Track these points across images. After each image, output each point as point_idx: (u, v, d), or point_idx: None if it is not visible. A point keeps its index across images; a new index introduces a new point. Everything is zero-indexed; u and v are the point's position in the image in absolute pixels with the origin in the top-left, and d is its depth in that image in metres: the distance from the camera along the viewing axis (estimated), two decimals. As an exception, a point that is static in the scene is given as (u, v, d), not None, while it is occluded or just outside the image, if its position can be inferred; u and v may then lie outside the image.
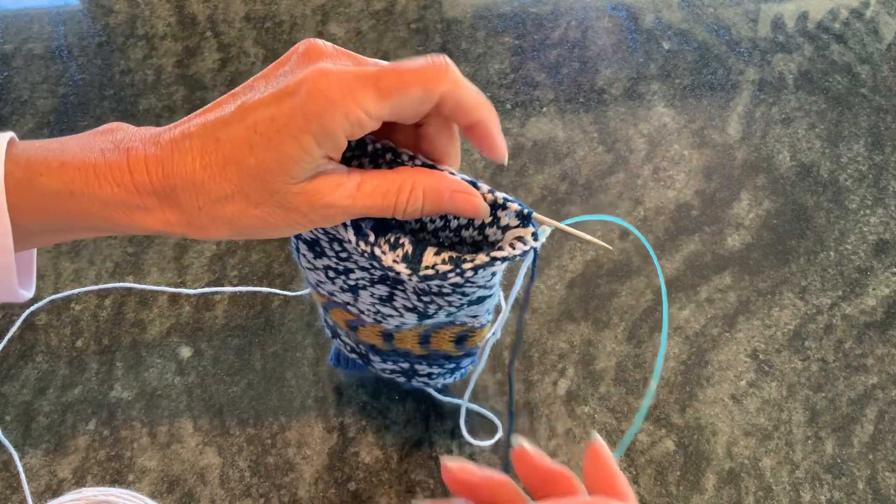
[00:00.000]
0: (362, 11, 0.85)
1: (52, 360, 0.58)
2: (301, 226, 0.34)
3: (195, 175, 0.33)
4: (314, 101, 0.30)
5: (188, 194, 0.33)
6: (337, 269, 0.41)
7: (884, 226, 0.67)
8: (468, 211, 0.35)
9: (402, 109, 0.32)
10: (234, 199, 0.33)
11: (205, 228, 0.34)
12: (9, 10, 0.88)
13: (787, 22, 0.85)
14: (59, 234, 0.36)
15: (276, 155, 0.31)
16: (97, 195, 0.33)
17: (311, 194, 0.32)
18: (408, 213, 0.34)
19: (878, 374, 0.58)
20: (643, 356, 0.59)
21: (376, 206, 0.34)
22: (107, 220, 0.34)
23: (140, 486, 0.52)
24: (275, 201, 0.33)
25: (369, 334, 0.46)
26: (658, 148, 0.72)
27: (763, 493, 0.52)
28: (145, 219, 0.34)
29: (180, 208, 0.34)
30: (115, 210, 0.34)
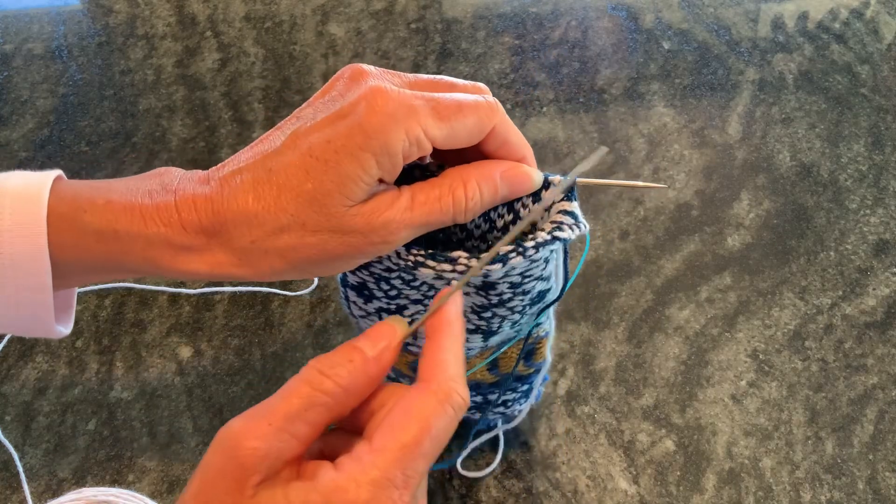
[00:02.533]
0: (362, 11, 0.85)
1: (52, 360, 0.58)
2: (360, 251, 0.32)
3: (248, 207, 0.31)
4: (374, 117, 0.30)
5: (240, 229, 0.32)
6: (389, 308, 0.40)
7: (884, 226, 0.67)
8: (522, 184, 0.34)
9: (456, 135, 0.32)
10: (289, 229, 0.31)
11: (258, 265, 0.32)
12: (9, 10, 0.88)
13: (787, 22, 0.85)
14: (100, 274, 0.34)
15: (333, 176, 0.30)
16: (142, 234, 0.32)
17: (369, 214, 0.31)
18: (469, 209, 0.33)
19: (878, 374, 0.58)
20: (643, 356, 0.59)
21: (435, 213, 0.33)
22: (150, 262, 0.33)
23: (140, 486, 0.52)
24: (333, 226, 0.31)
25: None
26: (658, 148, 0.72)
27: (763, 493, 0.52)
28: (192, 261, 0.32)
29: (231, 246, 0.32)
30: (159, 250, 0.32)
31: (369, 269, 0.38)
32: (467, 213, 0.33)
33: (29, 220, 0.31)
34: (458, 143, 0.32)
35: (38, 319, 0.34)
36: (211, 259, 0.32)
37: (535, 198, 0.35)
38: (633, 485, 0.52)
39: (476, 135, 0.33)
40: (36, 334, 0.35)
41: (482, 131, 0.33)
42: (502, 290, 0.37)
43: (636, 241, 0.66)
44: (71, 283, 0.35)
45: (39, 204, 0.31)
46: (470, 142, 0.33)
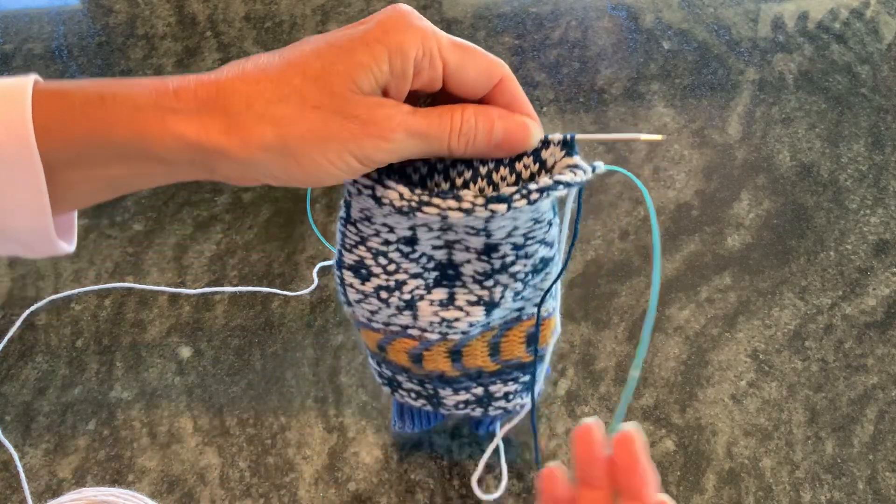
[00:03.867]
0: (362, 11, 0.85)
1: (52, 360, 0.58)
2: (355, 140, 0.31)
3: (248, 75, 0.31)
4: (395, 20, 0.31)
5: (238, 96, 0.31)
6: (388, 286, 0.39)
7: (884, 226, 0.67)
8: (519, 131, 0.34)
9: (466, 68, 0.33)
10: (289, 99, 0.31)
11: (248, 132, 0.31)
12: (9, 10, 0.88)
13: (787, 22, 0.85)
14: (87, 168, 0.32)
15: (345, 59, 0.31)
16: (129, 98, 0.31)
17: (372, 105, 0.31)
18: (463, 133, 0.33)
19: (878, 374, 0.58)
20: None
21: (433, 128, 0.32)
22: (136, 131, 0.31)
23: (140, 486, 0.52)
24: (334, 106, 0.31)
25: (436, 359, 0.43)
26: (658, 148, 0.72)
27: (763, 493, 0.52)
28: (179, 123, 0.30)
29: (223, 111, 0.31)
30: (146, 114, 0.31)
31: (366, 244, 0.38)
32: (461, 139, 0.33)
33: (15, 121, 0.30)
34: (467, 80, 0.33)
35: (37, 230, 0.32)
36: (198, 122, 0.31)
37: (536, 157, 0.35)
38: (633, 485, 0.52)
39: (485, 78, 0.33)
40: (39, 250, 0.34)
41: (490, 77, 0.33)
42: (505, 251, 0.37)
43: (636, 241, 0.66)
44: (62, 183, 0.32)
45: (23, 103, 0.30)
46: (477, 85, 0.33)
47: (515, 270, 0.39)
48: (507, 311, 0.42)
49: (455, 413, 0.48)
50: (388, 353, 0.44)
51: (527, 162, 0.35)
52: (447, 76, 0.33)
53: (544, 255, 0.39)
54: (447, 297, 0.40)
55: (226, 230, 0.66)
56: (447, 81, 0.33)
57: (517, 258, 0.38)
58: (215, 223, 0.66)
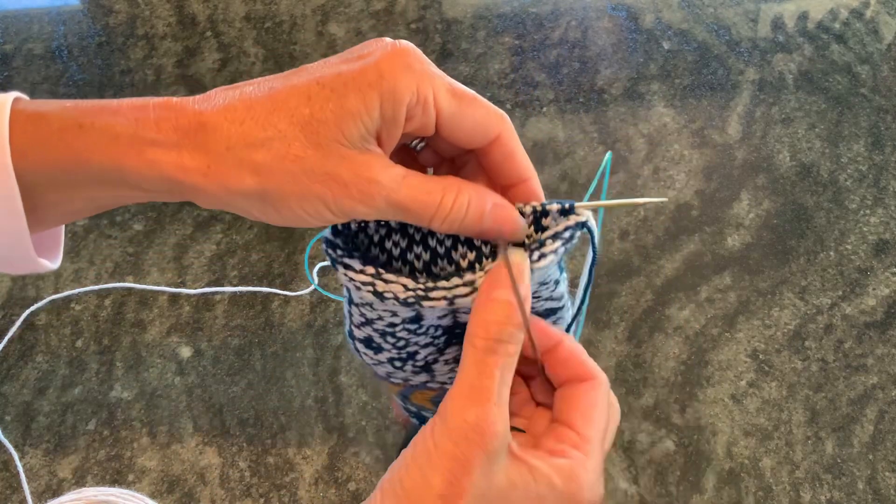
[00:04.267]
0: (362, 11, 0.85)
1: (52, 360, 0.58)
2: (334, 199, 0.30)
3: (234, 114, 0.29)
4: (392, 62, 0.29)
5: (220, 133, 0.29)
6: (401, 357, 0.38)
7: (884, 226, 0.67)
8: (507, 226, 0.33)
9: (462, 118, 0.31)
10: (271, 144, 0.29)
11: (227, 176, 0.30)
12: (9, 10, 0.88)
13: (787, 22, 0.85)
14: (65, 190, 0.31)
15: (335, 107, 0.29)
16: (108, 127, 0.30)
17: (359, 164, 0.30)
18: (449, 218, 0.31)
19: (878, 374, 0.58)
20: (643, 356, 0.59)
21: (419, 202, 0.31)
22: (115, 161, 0.30)
23: (140, 486, 0.52)
24: (317, 159, 0.29)
25: None
26: (658, 148, 0.72)
27: (763, 493, 0.52)
28: (158, 157, 0.29)
29: (204, 149, 0.30)
30: (124, 145, 0.30)
31: (372, 325, 0.37)
32: (444, 223, 0.32)
33: None
34: (463, 129, 0.32)
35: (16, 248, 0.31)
36: (178, 159, 0.30)
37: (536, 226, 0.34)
38: (633, 485, 0.52)
39: (482, 131, 0.32)
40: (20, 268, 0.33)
41: (488, 130, 0.32)
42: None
43: (636, 241, 0.66)
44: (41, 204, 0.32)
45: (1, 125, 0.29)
46: (473, 135, 0.32)
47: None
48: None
49: None
50: (412, 399, 0.44)
51: (528, 232, 0.34)
52: (440, 124, 0.32)
53: (552, 307, 0.39)
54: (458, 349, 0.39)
55: (226, 230, 0.66)
56: (440, 129, 0.32)
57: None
58: (215, 223, 0.66)
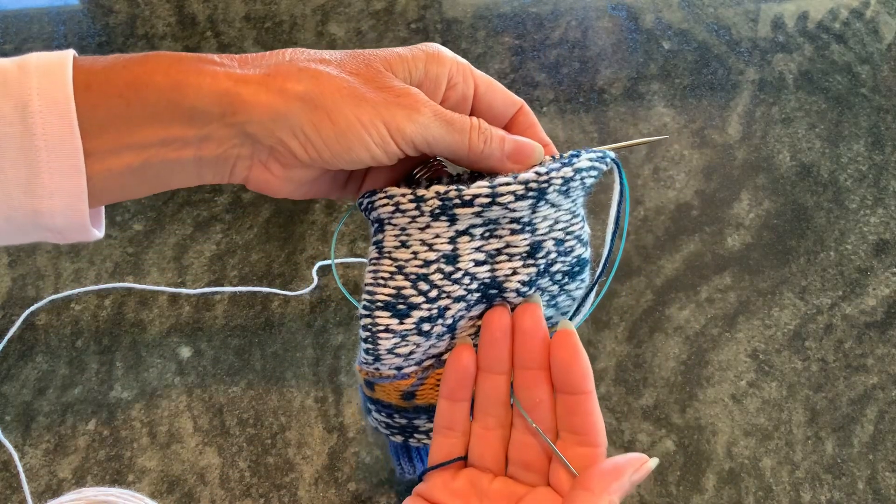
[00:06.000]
0: (362, 11, 0.85)
1: (52, 360, 0.58)
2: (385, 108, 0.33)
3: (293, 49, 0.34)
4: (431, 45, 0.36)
5: (280, 54, 0.33)
6: (431, 315, 0.37)
7: (884, 226, 0.67)
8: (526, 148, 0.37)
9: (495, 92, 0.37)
10: (329, 63, 0.33)
11: (286, 79, 0.32)
12: (9, 10, 0.88)
13: (787, 22, 0.85)
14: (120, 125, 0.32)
15: (386, 53, 0.34)
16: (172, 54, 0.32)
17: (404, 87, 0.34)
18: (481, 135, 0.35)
19: (878, 374, 0.58)
20: (643, 356, 0.59)
21: (456, 123, 0.34)
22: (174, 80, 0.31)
23: (140, 486, 0.52)
24: (370, 75, 0.33)
25: None
26: (658, 148, 0.72)
27: (763, 493, 0.52)
28: (217, 72, 0.31)
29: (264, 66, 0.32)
30: (186, 64, 0.31)
31: (403, 272, 0.36)
32: (480, 135, 0.35)
33: (58, 98, 0.30)
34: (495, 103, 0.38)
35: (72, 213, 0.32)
36: (237, 73, 0.32)
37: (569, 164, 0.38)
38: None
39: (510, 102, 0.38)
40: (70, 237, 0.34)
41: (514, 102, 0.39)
42: (549, 248, 0.38)
43: (636, 241, 0.66)
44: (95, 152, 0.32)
45: (65, 80, 0.30)
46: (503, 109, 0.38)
47: (555, 270, 0.39)
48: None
49: None
50: (417, 399, 0.41)
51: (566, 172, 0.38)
52: (478, 97, 0.37)
53: (580, 254, 0.40)
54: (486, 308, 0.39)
55: (226, 230, 0.66)
56: (477, 103, 0.37)
57: (558, 255, 0.38)
58: (215, 223, 0.66)
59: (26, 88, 0.30)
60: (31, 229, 0.33)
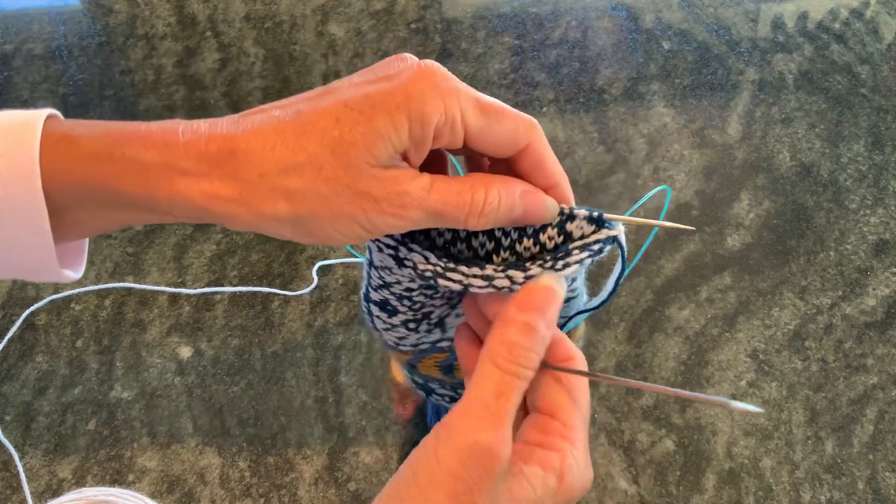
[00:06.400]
0: (362, 11, 0.85)
1: (52, 360, 0.58)
2: (368, 217, 0.31)
3: (264, 138, 0.30)
4: (419, 83, 0.30)
5: (251, 160, 0.30)
6: (416, 318, 0.39)
7: (884, 226, 0.67)
8: (538, 210, 0.33)
9: (490, 133, 0.32)
10: (303, 170, 0.30)
11: (259, 203, 0.30)
12: (9, 10, 0.88)
13: (787, 22, 0.85)
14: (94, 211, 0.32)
15: (364, 129, 0.30)
16: (138, 158, 0.30)
17: (388, 181, 0.30)
18: (483, 214, 0.32)
19: (878, 374, 0.58)
20: (643, 356, 0.59)
21: (451, 205, 0.31)
22: (145, 188, 0.30)
23: (140, 486, 0.52)
24: (349, 181, 0.30)
25: None
26: (658, 148, 0.72)
27: (763, 493, 0.52)
28: (189, 187, 0.30)
29: (235, 178, 0.30)
30: (155, 175, 0.30)
31: (389, 289, 0.37)
32: (480, 218, 0.32)
33: (22, 162, 0.30)
34: (491, 143, 0.32)
35: (41, 262, 0.32)
36: (209, 188, 0.30)
37: (560, 230, 0.34)
38: (633, 485, 0.52)
39: (510, 143, 0.32)
40: (44, 278, 0.33)
41: (517, 142, 0.32)
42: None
43: (636, 241, 0.66)
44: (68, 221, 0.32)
45: (32, 144, 0.30)
46: (502, 148, 0.33)
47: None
48: None
49: None
50: (420, 369, 0.45)
51: (551, 234, 0.34)
52: (469, 140, 0.32)
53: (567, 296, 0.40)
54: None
55: (226, 230, 0.66)
56: (469, 143, 0.32)
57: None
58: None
59: None
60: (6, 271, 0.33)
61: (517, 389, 0.29)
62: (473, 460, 0.28)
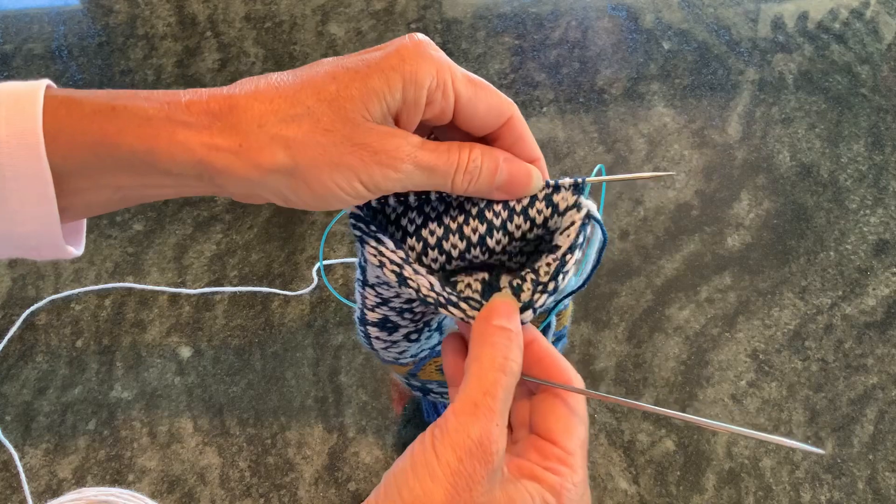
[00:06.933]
0: (362, 11, 0.85)
1: (52, 360, 0.58)
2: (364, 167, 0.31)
3: (262, 93, 0.31)
4: (412, 49, 0.32)
5: (250, 113, 0.31)
6: (418, 329, 0.40)
7: (884, 226, 0.67)
8: (522, 175, 0.35)
9: (477, 103, 0.33)
10: (301, 120, 0.31)
11: (258, 153, 0.31)
12: (9, 10, 0.88)
13: (787, 22, 0.85)
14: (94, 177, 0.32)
15: (360, 85, 0.31)
16: (140, 110, 0.31)
17: (383, 134, 0.32)
18: (467, 172, 0.33)
19: (878, 374, 0.58)
20: (643, 356, 0.59)
21: (441, 163, 0.33)
22: (145, 141, 0.31)
23: (140, 486, 0.52)
24: (346, 131, 0.31)
25: None
26: (658, 148, 0.72)
27: (763, 493, 0.52)
28: (189, 138, 0.31)
29: (235, 129, 0.31)
30: (156, 126, 0.31)
31: (388, 304, 0.38)
32: (464, 176, 0.33)
33: (26, 129, 0.30)
34: (480, 113, 0.34)
35: (45, 235, 0.32)
36: (209, 139, 0.31)
37: (548, 202, 0.35)
38: (633, 485, 0.52)
39: (494, 115, 0.34)
40: (46, 254, 0.34)
41: (500, 114, 0.34)
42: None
43: (636, 241, 0.66)
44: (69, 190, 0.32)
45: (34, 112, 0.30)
46: (486, 121, 0.34)
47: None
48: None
49: None
50: (420, 377, 0.45)
51: (539, 207, 0.35)
52: (458, 109, 0.33)
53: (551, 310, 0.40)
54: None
55: (226, 230, 0.66)
56: (457, 115, 0.34)
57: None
58: (215, 223, 0.66)
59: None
60: (10, 248, 0.33)
61: (502, 385, 0.30)
62: (469, 455, 0.29)
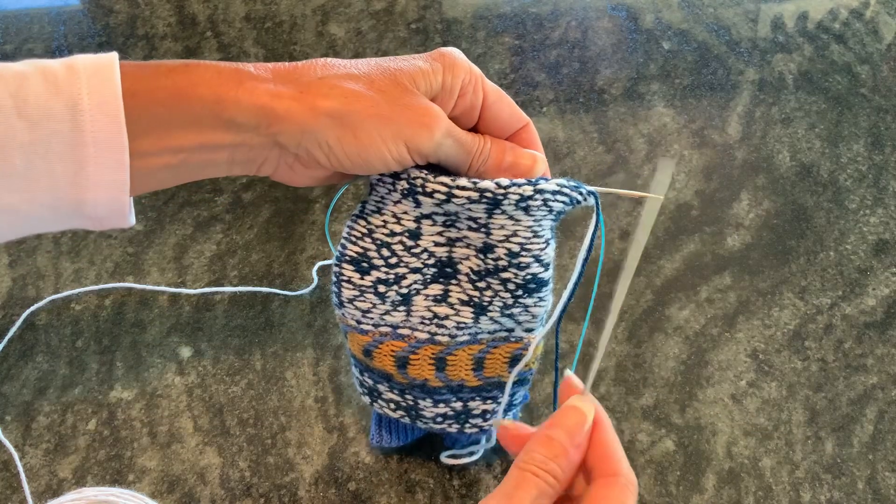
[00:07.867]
0: (362, 11, 0.85)
1: (52, 360, 0.58)
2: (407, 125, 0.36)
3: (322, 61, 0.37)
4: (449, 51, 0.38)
5: (311, 70, 0.36)
6: (388, 279, 0.41)
7: (884, 226, 0.67)
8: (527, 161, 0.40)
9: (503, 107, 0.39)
10: (358, 79, 0.36)
11: (316, 99, 0.35)
12: (9, 10, 0.88)
13: (787, 22, 0.85)
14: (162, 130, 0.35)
15: (408, 64, 0.37)
16: (212, 66, 0.35)
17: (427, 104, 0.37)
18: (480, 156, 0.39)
19: (878, 374, 0.58)
20: (643, 356, 0.59)
21: (465, 140, 0.38)
22: (215, 90, 0.34)
23: (140, 486, 0.52)
24: (396, 93, 0.36)
25: (422, 366, 0.44)
26: (658, 148, 0.72)
27: (763, 493, 0.52)
28: (256, 87, 0.34)
29: (297, 82, 0.35)
30: (227, 78, 0.34)
31: (371, 236, 0.40)
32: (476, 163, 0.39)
33: (107, 97, 0.32)
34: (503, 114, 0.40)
35: (115, 202, 0.35)
36: (273, 89, 0.35)
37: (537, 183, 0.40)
38: (633, 485, 0.52)
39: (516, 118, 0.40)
40: (109, 223, 0.36)
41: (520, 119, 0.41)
42: (500, 254, 0.40)
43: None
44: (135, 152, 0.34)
45: (113, 81, 0.33)
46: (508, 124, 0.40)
47: (506, 277, 0.41)
48: (495, 325, 0.44)
49: (432, 427, 0.48)
50: (374, 359, 0.45)
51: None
52: (485, 108, 0.39)
53: (537, 272, 0.41)
54: (441, 294, 0.43)
55: (226, 230, 0.66)
56: (483, 114, 0.39)
57: (509, 265, 0.40)
58: (215, 223, 0.66)
59: (76, 88, 0.32)
60: (73, 218, 0.35)
61: (533, 484, 0.31)
62: None
